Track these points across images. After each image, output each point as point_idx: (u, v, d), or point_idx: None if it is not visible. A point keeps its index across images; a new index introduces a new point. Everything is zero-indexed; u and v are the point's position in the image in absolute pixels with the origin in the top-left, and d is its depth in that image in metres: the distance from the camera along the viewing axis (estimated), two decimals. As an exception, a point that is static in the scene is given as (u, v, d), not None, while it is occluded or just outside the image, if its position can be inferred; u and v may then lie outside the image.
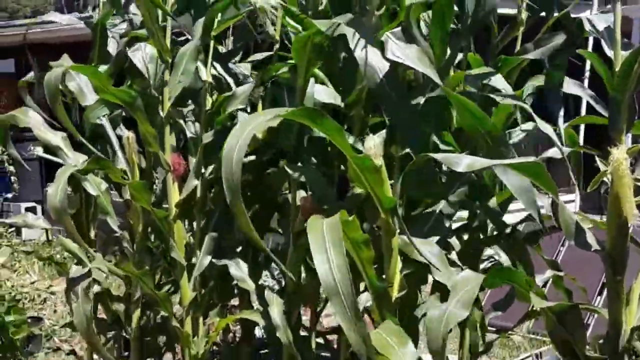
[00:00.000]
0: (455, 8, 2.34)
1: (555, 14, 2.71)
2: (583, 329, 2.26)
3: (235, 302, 3.35)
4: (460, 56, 2.60)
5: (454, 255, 2.60)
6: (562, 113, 2.81)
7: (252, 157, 2.69)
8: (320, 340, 3.31)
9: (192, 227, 2.91)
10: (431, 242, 2.19)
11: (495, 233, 2.70)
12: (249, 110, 2.80)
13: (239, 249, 2.84)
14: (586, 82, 6.94)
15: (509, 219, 2.71)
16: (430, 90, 2.19)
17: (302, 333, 2.96)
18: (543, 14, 2.80)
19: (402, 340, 1.96)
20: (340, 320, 1.74)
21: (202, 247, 2.76)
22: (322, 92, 2.50)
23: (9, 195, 10.04)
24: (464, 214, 2.74)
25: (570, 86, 2.53)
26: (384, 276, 2.22)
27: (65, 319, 5.06)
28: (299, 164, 2.49)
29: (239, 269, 2.69)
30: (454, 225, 2.81)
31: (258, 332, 3.41)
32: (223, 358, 3.53)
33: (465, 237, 2.83)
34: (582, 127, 7.65)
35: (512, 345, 5.26)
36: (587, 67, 2.25)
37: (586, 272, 3.95)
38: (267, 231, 2.93)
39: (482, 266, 2.91)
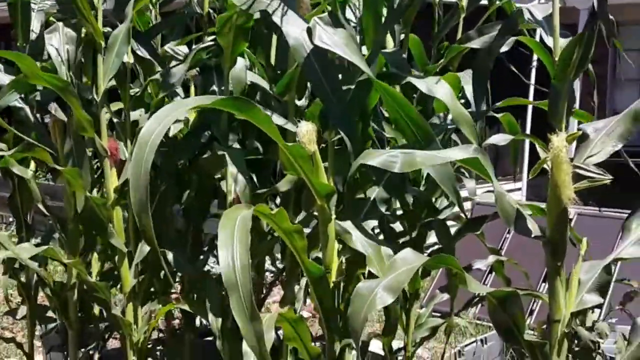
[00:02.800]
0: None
1: (497, 2, 2.73)
2: (522, 314, 2.28)
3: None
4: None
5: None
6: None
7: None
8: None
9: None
10: (365, 228, 2.16)
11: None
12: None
13: (178, 236, 2.80)
14: (534, 70, 7.03)
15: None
16: (360, 75, 2.16)
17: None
18: (484, 1, 2.81)
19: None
20: (237, 317, 1.73)
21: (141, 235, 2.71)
22: (253, 76, 2.47)
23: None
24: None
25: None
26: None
27: (6, 306, 4.94)
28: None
29: (177, 256, 2.64)
30: (399, 212, 2.84)
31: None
32: (166, 346, 3.48)
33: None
34: (529, 115, 7.73)
35: (457, 331, 5.31)
36: (535, 56, 2.27)
37: (532, 259, 3.98)
38: (206, 217, 2.89)
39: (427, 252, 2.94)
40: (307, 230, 2.50)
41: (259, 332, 1.74)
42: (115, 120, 2.75)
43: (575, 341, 3.01)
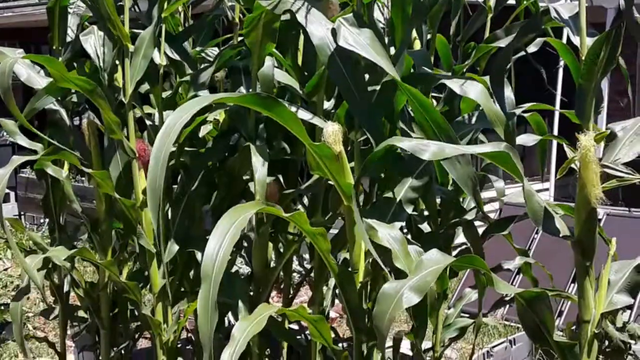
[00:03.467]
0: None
1: (525, 2, 2.72)
2: (551, 315, 2.27)
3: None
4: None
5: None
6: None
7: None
8: (294, 325, 3.31)
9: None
10: (393, 226, 2.16)
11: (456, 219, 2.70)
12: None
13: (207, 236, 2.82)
14: (561, 70, 6.97)
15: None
16: (386, 75, 2.16)
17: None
18: (511, 1, 2.80)
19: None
20: (199, 304, 1.76)
21: (171, 234, 2.74)
22: (282, 76, 2.47)
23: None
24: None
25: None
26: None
27: (38, 306, 5.02)
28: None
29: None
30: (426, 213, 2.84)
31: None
32: (196, 345, 3.51)
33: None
34: (557, 115, 7.67)
35: (486, 331, 5.28)
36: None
37: (561, 259, 3.96)
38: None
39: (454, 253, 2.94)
40: (335, 231, 2.53)
41: (212, 326, 1.79)
42: (148, 122, 2.78)
43: (606, 342, 2.98)
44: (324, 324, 2.19)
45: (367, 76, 2.28)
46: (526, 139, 2.72)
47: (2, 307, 4.70)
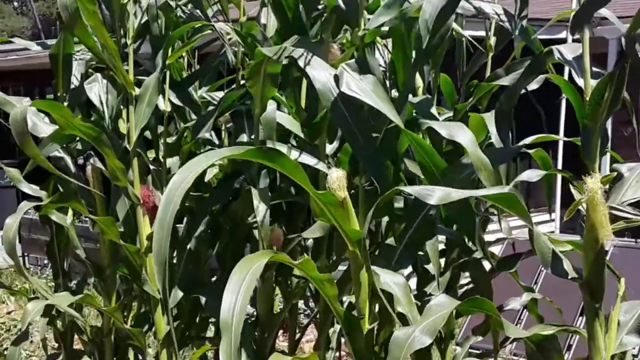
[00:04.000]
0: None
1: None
2: (561, 355, 2.25)
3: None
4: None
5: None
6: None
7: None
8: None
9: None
10: (395, 273, 2.15)
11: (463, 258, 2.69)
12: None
13: (213, 279, 2.81)
14: (563, 102, 6.98)
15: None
16: (389, 121, 2.16)
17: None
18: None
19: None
20: (221, 357, 1.72)
21: (175, 279, 2.72)
22: (285, 120, 2.47)
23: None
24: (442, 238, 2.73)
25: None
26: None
27: (41, 349, 4.96)
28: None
29: (210, 301, 2.64)
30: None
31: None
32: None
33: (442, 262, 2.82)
34: (560, 147, 7.68)
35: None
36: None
37: (569, 291, 3.91)
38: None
39: (460, 291, 2.91)
40: (343, 268, 2.51)
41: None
42: (152, 167, 2.78)
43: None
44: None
45: (370, 119, 2.28)
46: (531, 175, 2.70)
47: (7, 353, 4.65)
